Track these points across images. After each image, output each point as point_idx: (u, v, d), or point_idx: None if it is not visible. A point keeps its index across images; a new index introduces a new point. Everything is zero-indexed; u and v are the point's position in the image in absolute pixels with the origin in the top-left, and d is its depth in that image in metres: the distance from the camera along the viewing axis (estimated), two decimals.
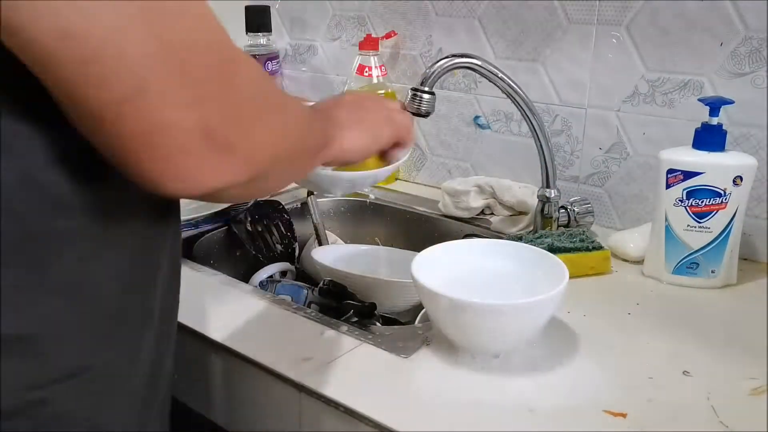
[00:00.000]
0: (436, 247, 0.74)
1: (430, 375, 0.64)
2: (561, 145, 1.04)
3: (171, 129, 0.38)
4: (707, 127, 0.81)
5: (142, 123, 0.37)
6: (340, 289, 0.89)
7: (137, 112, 0.36)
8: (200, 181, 0.40)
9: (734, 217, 0.80)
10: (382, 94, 1.18)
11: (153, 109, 0.37)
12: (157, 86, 0.37)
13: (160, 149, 0.38)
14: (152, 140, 0.38)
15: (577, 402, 0.60)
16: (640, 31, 0.93)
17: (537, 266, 0.71)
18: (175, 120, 0.37)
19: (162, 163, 0.38)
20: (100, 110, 0.36)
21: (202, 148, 0.39)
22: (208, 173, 0.40)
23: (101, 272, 0.44)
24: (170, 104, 0.37)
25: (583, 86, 1.00)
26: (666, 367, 0.65)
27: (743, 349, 0.68)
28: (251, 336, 0.71)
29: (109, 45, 0.35)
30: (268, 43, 1.30)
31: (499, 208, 1.05)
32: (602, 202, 1.03)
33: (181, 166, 0.39)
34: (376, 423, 0.57)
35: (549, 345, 0.69)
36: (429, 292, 0.64)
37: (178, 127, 0.38)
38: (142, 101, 0.36)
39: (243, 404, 0.70)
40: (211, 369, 0.72)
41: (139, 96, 0.36)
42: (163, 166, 0.38)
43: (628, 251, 0.89)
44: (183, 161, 0.39)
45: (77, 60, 0.35)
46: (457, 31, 1.12)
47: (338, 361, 0.66)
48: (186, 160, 0.39)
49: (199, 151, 0.39)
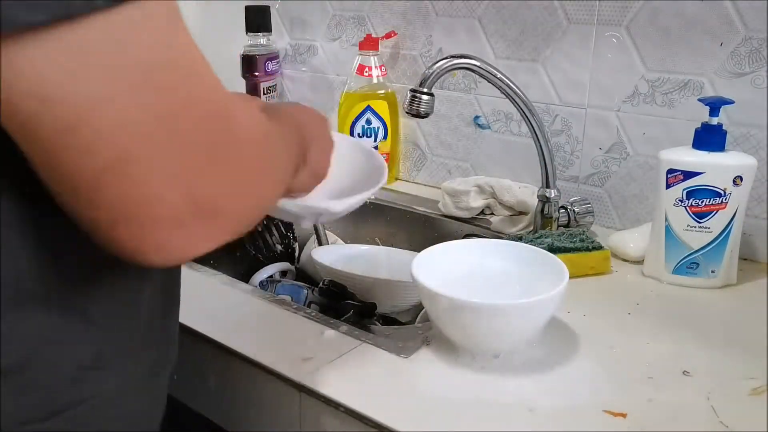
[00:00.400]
0: (436, 247, 0.74)
1: (430, 375, 0.64)
2: (561, 145, 1.04)
3: (155, 201, 0.35)
4: (707, 127, 0.81)
5: (123, 194, 0.35)
6: (340, 289, 0.89)
7: (118, 183, 0.34)
8: (183, 251, 0.38)
9: (734, 217, 0.80)
10: (382, 94, 1.18)
11: (136, 181, 0.35)
12: (141, 156, 0.34)
13: (140, 222, 0.36)
14: (133, 213, 0.35)
15: (577, 402, 0.60)
16: (640, 31, 0.93)
17: (537, 266, 0.71)
18: (159, 192, 0.35)
19: (142, 236, 0.36)
20: (79, 179, 0.34)
21: (188, 219, 0.37)
22: (192, 243, 0.38)
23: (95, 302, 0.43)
24: (155, 175, 0.35)
25: (583, 86, 1.00)
26: (666, 367, 0.65)
27: (743, 349, 0.68)
28: (251, 336, 0.71)
29: (92, 112, 0.33)
30: (268, 43, 1.30)
31: (499, 208, 1.05)
32: (602, 202, 1.03)
33: (163, 239, 0.37)
34: (376, 423, 0.57)
35: (549, 345, 0.69)
36: (429, 292, 0.64)
37: (162, 199, 0.36)
38: (123, 172, 0.34)
39: (243, 404, 0.70)
40: (211, 369, 0.72)
41: (120, 166, 0.34)
42: (143, 239, 0.36)
43: (628, 251, 0.89)
44: (166, 234, 0.37)
45: (58, 126, 0.33)
46: (457, 31, 1.12)
47: (338, 361, 0.66)
48: (169, 233, 0.37)
49: (185, 222, 0.37)
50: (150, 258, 0.37)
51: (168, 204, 0.36)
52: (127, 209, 0.35)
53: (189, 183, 0.36)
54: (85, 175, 0.34)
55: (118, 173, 0.34)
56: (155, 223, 0.36)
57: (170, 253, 0.38)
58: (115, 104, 0.33)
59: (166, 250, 0.37)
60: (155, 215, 0.36)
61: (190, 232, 0.37)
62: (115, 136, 0.34)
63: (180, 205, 0.36)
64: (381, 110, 1.18)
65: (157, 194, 0.35)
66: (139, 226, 0.36)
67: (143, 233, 0.36)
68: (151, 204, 0.35)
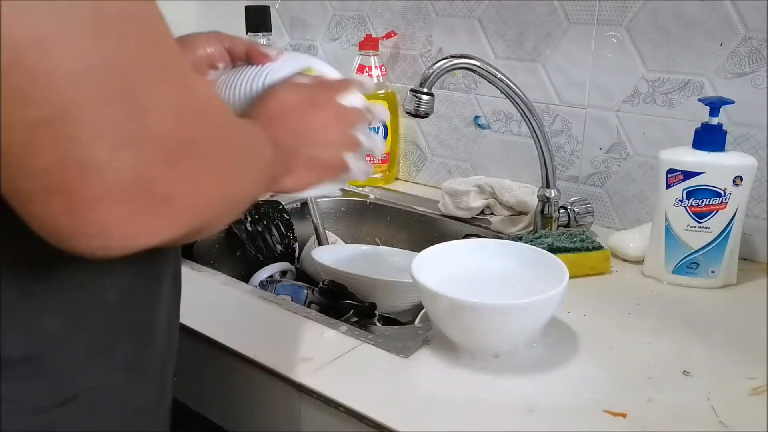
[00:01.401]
0: (436, 247, 0.74)
1: (430, 375, 0.64)
2: (561, 145, 1.04)
3: (98, 169, 0.30)
4: (707, 127, 0.81)
5: (61, 156, 0.29)
6: (340, 289, 0.89)
7: (55, 142, 0.29)
8: (124, 238, 0.33)
9: (734, 217, 0.80)
10: (382, 94, 1.18)
11: (77, 140, 0.29)
12: (87, 113, 0.29)
13: (78, 193, 0.30)
14: (71, 180, 0.30)
15: (577, 402, 0.60)
16: (640, 31, 0.94)
17: (537, 266, 0.71)
18: (105, 158, 0.30)
19: (80, 212, 0.30)
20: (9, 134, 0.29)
21: (136, 197, 0.31)
22: (136, 229, 0.33)
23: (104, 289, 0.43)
24: (102, 138, 0.30)
25: (583, 86, 1.00)
26: (666, 367, 0.65)
27: (743, 349, 0.68)
28: (251, 336, 0.71)
29: (31, 52, 0.28)
30: (268, 43, 1.30)
31: (499, 208, 1.05)
32: (602, 202, 1.03)
33: (104, 218, 0.31)
34: (376, 423, 0.57)
35: (549, 345, 0.69)
36: (429, 292, 0.64)
37: (108, 167, 0.30)
38: (62, 128, 0.29)
39: (243, 404, 0.70)
40: (211, 369, 0.72)
41: (60, 120, 0.29)
42: (81, 216, 0.31)
43: (628, 251, 0.89)
44: (108, 212, 0.31)
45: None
46: (457, 31, 1.12)
47: (338, 361, 0.66)
48: (111, 211, 0.31)
49: (131, 200, 0.31)
50: (89, 243, 0.32)
51: (114, 175, 0.30)
52: (64, 175, 0.30)
53: (139, 155, 0.31)
54: (16, 128, 0.29)
55: (56, 129, 0.29)
56: (94, 197, 0.30)
57: (111, 239, 0.32)
58: (60, 46, 0.29)
59: (107, 234, 0.32)
60: (98, 186, 0.30)
61: (136, 214, 0.32)
62: (55, 84, 0.29)
63: (128, 178, 0.31)
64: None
65: (102, 161, 0.30)
66: (75, 198, 0.30)
67: (81, 208, 0.30)
68: (94, 172, 0.30)
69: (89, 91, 0.30)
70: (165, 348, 0.51)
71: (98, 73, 0.30)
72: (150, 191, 0.32)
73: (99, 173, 0.30)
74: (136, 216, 0.32)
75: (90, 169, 0.30)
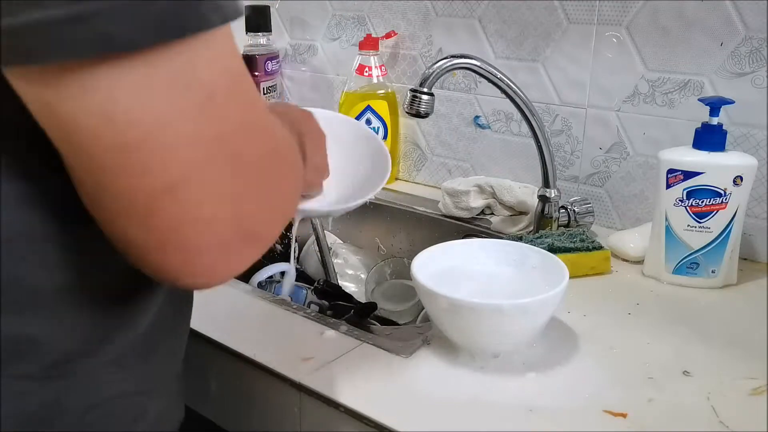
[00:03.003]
0: (436, 247, 0.74)
1: (430, 375, 0.64)
2: (561, 145, 1.04)
3: (206, 225, 0.35)
4: (707, 127, 0.81)
5: (177, 217, 0.34)
6: (334, 289, 0.89)
7: (173, 206, 0.34)
8: (225, 274, 0.38)
9: (734, 217, 0.80)
10: (382, 94, 1.18)
11: (191, 204, 0.34)
12: (197, 179, 0.34)
13: (190, 246, 0.35)
14: (185, 236, 0.35)
15: (577, 402, 0.60)
16: (640, 31, 0.93)
17: (537, 266, 0.71)
18: (211, 216, 0.35)
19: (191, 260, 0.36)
20: (134, 200, 0.34)
21: (234, 243, 0.37)
22: (234, 266, 0.38)
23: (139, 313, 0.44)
24: (209, 198, 0.35)
25: (583, 86, 1.00)
26: (666, 367, 0.65)
27: (743, 349, 0.68)
28: (251, 336, 0.71)
29: (155, 132, 0.33)
30: (268, 43, 1.30)
31: (499, 208, 1.05)
32: (602, 202, 1.03)
33: (210, 263, 0.37)
34: (376, 423, 0.57)
35: (549, 345, 0.69)
36: (429, 292, 0.64)
37: (214, 223, 0.35)
38: (180, 194, 0.34)
39: (243, 404, 0.70)
40: (211, 369, 0.72)
41: (178, 188, 0.34)
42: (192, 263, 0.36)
43: (628, 251, 0.89)
44: (213, 258, 0.36)
45: (118, 145, 0.32)
46: (457, 31, 1.12)
47: (338, 361, 0.66)
48: (217, 257, 0.37)
49: (231, 246, 0.37)
50: (195, 282, 0.37)
51: (218, 228, 0.36)
52: (179, 233, 0.35)
53: (237, 207, 0.36)
54: (140, 195, 0.34)
55: (174, 195, 0.34)
56: (205, 248, 0.36)
57: (214, 278, 0.38)
58: (178, 125, 0.33)
59: (211, 275, 0.37)
60: (206, 239, 0.36)
61: (234, 255, 0.37)
62: (175, 158, 0.33)
63: (228, 229, 0.36)
64: (381, 110, 1.18)
65: (209, 218, 0.35)
66: (188, 250, 0.35)
67: (192, 257, 0.36)
68: (203, 228, 0.35)
69: (200, 161, 0.34)
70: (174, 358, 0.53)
71: (207, 145, 0.34)
72: (244, 232, 0.37)
73: (207, 227, 0.35)
74: (234, 257, 0.38)
75: (200, 225, 0.35)
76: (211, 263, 0.37)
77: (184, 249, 0.35)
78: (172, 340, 0.51)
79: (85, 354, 0.42)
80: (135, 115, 0.32)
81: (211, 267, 0.37)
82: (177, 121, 0.33)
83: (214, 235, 0.36)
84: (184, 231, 0.35)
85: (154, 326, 0.47)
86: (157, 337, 0.48)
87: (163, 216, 0.34)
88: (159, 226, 0.34)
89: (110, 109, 0.32)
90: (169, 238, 0.35)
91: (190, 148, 0.34)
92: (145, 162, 0.33)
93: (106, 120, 0.32)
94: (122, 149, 0.32)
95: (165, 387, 0.51)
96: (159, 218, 0.34)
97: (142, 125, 0.32)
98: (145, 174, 0.33)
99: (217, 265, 0.37)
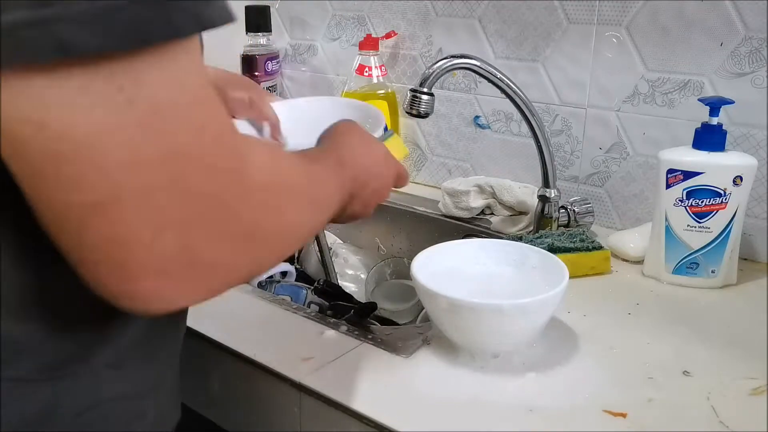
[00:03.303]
0: (435, 247, 0.74)
1: (430, 375, 0.64)
2: (561, 145, 1.04)
3: (141, 249, 0.33)
4: (707, 127, 0.81)
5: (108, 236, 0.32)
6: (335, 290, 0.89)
7: (104, 223, 0.32)
8: (171, 302, 0.36)
9: (734, 217, 0.80)
10: (382, 94, 1.18)
11: (123, 223, 0.32)
12: (132, 198, 0.32)
13: (124, 268, 0.33)
14: (117, 257, 0.33)
15: (577, 402, 0.60)
16: (640, 31, 0.93)
17: (537, 266, 0.71)
18: (147, 239, 0.33)
19: (125, 283, 0.34)
20: (66, 213, 0.32)
21: (179, 270, 0.34)
22: (182, 294, 0.36)
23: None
24: (145, 221, 0.32)
25: (583, 86, 1.00)
26: (666, 367, 0.65)
27: (743, 349, 0.68)
28: (251, 336, 0.71)
29: (89, 145, 0.31)
30: (268, 43, 1.30)
31: (499, 208, 1.05)
32: (602, 202, 1.03)
33: (148, 289, 0.34)
34: (376, 423, 0.57)
35: (549, 345, 0.69)
36: (428, 292, 0.64)
37: (150, 247, 0.33)
38: (111, 212, 0.32)
39: (243, 404, 0.70)
40: (211, 369, 0.72)
41: (110, 205, 0.32)
42: (126, 286, 0.34)
43: (628, 251, 0.89)
44: (151, 284, 0.34)
45: (49, 155, 0.31)
46: (457, 31, 1.12)
47: (338, 361, 0.66)
48: (155, 283, 0.34)
49: (173, 274, 0.34)
50: (133, 305, 0.35)
51: (158, 253, 0.33)
52: (111, 252, 0.33)
53: (184, 234, 0.34)
54: (72, 209, 0.32)
55: (106, 213, 0.32)
56: (140, 272, 0.33)
57: (155, 304, 0.35)
58: (115, 139, 0.31)
59: (151, 300, 0.35)
60: (140, 263, 0.33)
61: (180, 283, 0.35)
62: (108, 174, 0.31)
63: (171, 255, 0.34)
64: (381, 110, 1.18)
65: (145, 241, 0.33)
66: (122, 271, 0.33)
67: (126, 280, 0.33)
68: (137, 251, 0.33)
69: (137, 179, 0.32)
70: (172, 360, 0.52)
71: (147, 165, 0.32)
72: (193, 263, 0.35)
73: (143, 252, 0.33)
74: (179, 285, 0.35)
75: (135, 248, 0.33)
76: (150, 289, 0.34)
77: (118, 270, 0.33)
78: (170, 341, 0.51)
79: (83, 355, 0.42)
80: (66, 125, 0.30)
81: (150, 293, 0.34)
82: (111, 138, 0.31)
83: (153, 260, 0.33)
84: (117, 252, 0.33)
85: (152, 328, 0.47)
86: (155, 339, 0.48)
87: (93, 234, 0.32)
88: (89, 244, 0.33)
89: (43, 116, 0.30)
90: (101, 258, 0.33)
91: (124, 166, 0.31)
92: (76, 176, 0.31)
93: (39, 127, 0.30)
94: (52, 160, 0.31)
95: (163, 388, 0.51)
96: (89, 236, 0.32)
97: (74, 137, 0.31)
98: (75, 187, 0.31)
99: (158, 291, 0.34)
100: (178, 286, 0.35)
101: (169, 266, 0.34)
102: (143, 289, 0.34)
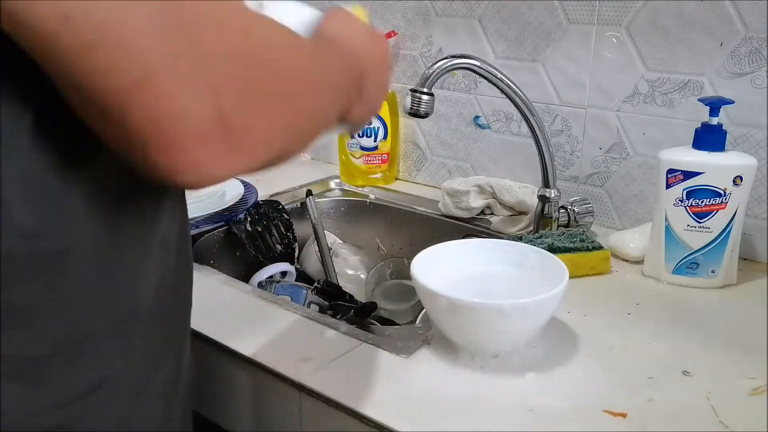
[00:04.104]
0: (435, 247, 0.74)
1: (430, 375, 0.64)
2: (561, 145, 1.04)
3: (182, 117, 0.35)
4: (707, 127, 0.81)
5: (151, 112, 0.34)
6: (335, 289, 0.89)
7: (145, 101, 0.34)
8: (215, 171, 0.37)
9: (734, 217, 0.80)
10: None
11: (162, 97, 0.34)
12: (165, 71, 0.34)
13: (170, 140, 0.35)
14: (162, 130, 0.34)
15: (577, 402, 0.60)
16: (640, 31, 0.93)
17: (537, 266, 0.71)
18: (186, 108, 0.34)
19: (173, 155, 0.35)
20: (106, 99, 0.34)
21: (217, 136, 0.36)
22: (222, 162, 0.37)
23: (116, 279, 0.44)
24: (181, 91, 0.34)
25: (583, 86, 1.00)
26: (666, 367, 0.65)
27: (743, 349, 0.68)
28: (251, 336, 0.71)
29: (112, 28, 0.32)
30: None
31: (499, 208, 1.05)
32: (602, 202, 1.03)
33: (194, 157, 0.36)
34: (376, 423, 0.57)
35: (549, 345, 0.69)
36: (428, 291, 0.64)
37: (189, 115, 0.35)
38: (150, 88, 0.33)
39: (243, 404, 0.70)
40: (210, 369, 0.72)
41: (146, 83, 0.33)
42: (175, 158, 0.35)
43: (628, 251, 0.89)
44: (196, 152, 0.36)
45: (79, 45, 0.32)
46: (457, 31, 1.12)
47: (338, 361, 0.66)
48: (199, 151, 0.36)
49: (214, 139, 0.36)
50: (187, 178, 0.37)
51: (196, 120, 0.35)
52: (156, 128, 0.34)
53: (215, 99, 0.35)
54: (111, 95, 0.33)
55: (145, 90, 0.33)
56: (185, 141, 0.35)
57: (202, 173, 0.37)
58: (136, 17, 0.33)
59: (198, 170, 0.36)
60: (184, 132, 0.35)
61: (219, 150, 0.36)
62: (138, 51, 0.33)
63: (208, 120, 0.35)
64: (381, 110, 1.18)
65: (185, 109, 0.34)
66: (169, 144, 0.35)
67: (175, 152, 0.35)
68: (180, 120, 0.34)
69: (162, 52, 0.33)
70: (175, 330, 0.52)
71: (167, 34, 0.34)
72: (229, 129, 0.36)
73: (185, 120, 0.35)
74: (220, 152, 0.37)
75: (177, 118, 0.34)
76: (197, 157, 0.36)
77: (165, 145, 0.35)
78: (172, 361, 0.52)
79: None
80: (87, 10, 0.32)
81: (195, 162, 0.36)
82: (132, 15, 0.33)
83: (191, 128, 0.35)
84: (161, 126, 0.34)
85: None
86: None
87: (136, 113, 0.34)
88: (136, 124, 0.34)
89: (63, 8, 0.32)
90: (149, 136, 0.34)
91: (150, 40, 0.33)
92: (109, 60, 0.32)
93: (63, 20, 0.32)
94: (83, 49, 0.32)
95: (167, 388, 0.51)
96: (134, 116, 0.34)
97: (97, 22, 0.32)
98: (111, 72, 0.33)
99: (201, 160, 0.36)
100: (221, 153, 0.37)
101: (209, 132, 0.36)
102: (189, 159, 0.36)
